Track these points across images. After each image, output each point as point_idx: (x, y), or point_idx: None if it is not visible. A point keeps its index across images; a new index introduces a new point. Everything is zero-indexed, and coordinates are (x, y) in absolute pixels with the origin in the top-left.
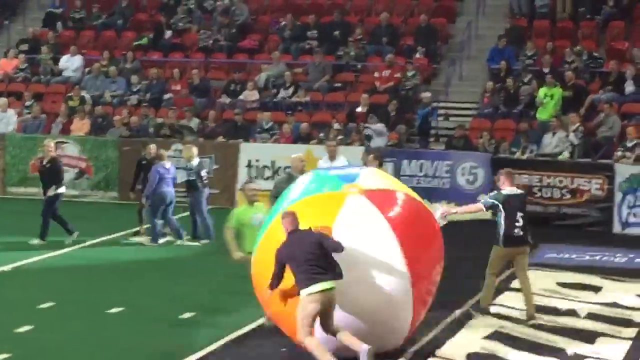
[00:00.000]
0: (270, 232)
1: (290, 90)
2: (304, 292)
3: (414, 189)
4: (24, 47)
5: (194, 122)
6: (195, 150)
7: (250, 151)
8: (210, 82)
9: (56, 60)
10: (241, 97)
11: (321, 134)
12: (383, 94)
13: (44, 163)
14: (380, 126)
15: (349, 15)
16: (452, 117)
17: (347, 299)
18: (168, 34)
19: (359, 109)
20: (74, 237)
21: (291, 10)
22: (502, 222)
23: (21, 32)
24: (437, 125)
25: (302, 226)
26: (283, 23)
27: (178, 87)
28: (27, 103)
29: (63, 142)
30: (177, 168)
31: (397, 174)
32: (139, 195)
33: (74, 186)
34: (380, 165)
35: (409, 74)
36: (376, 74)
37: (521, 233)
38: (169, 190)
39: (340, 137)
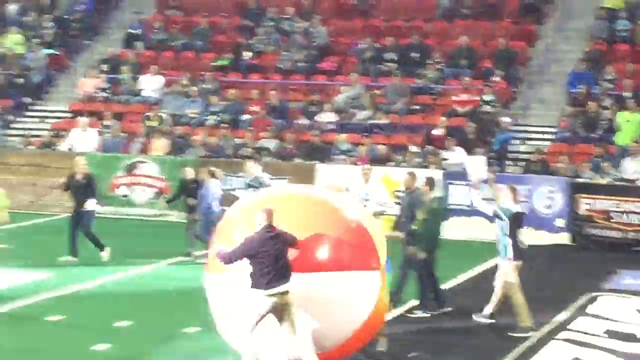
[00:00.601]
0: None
1: (368, 112)
2: (263, 291)
3: None
4: (105, 67)
5: (272, 143)
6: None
7: (327, 173)
8: (289, 104)
9: (136, 80)
10: (319, 118)
11: (398, 157)
12: (461, 117)
13: (78, 178)
14: (458, 151)
15: (428, 38)
16: (530, 141)
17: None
18: (247, 55)
19: (436, 132)
20: (107, 255)
21: (370, 32)
22: (509, 236)
23: (102, 52)
24: (515, 148)
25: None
26: (362, 45)
27: (256, 108)
28: (107, 122)
29: (142, 162)
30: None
31: None
32: (189, 216)
33: (151, 206)
34: (431, 189)
35: (487, 97)
36: (454, 97)
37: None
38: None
39: (416, 159)
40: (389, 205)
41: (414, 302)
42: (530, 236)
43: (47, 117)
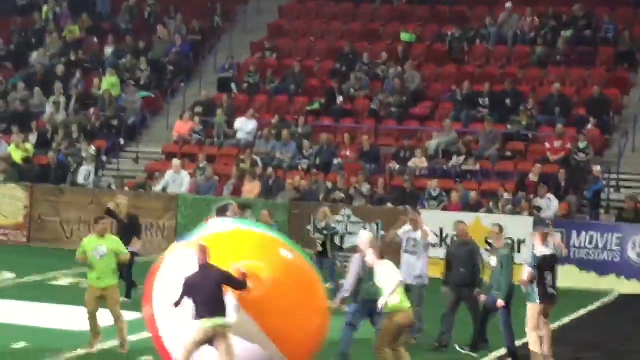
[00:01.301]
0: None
1: (461, 158)
2: (199, 322)
3: (583, 260)
4: (199, 109)
5: (365, 188)
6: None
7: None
8: (380, 148)
9: (230, 124)
10: (410, 163)
11: (490, 203)
12: (554, 165)
13: (121, 218)
14: (551, 198)
15: (521, 84)
16: (624, 189)
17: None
18: (339, 99)
19: (530, 178)
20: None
21: (463, 78)
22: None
23: (196, 95)
24: (608, 196)
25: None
26: (455, 90)
27: (348, 152)
28: (201, 165)
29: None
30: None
31: (567, 245)
32: None
33: None
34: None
35: (581, 145)
36: (547, 144)
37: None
38: None
39: (508, 206)
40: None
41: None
42: (622, 285)
43: (141, 159)
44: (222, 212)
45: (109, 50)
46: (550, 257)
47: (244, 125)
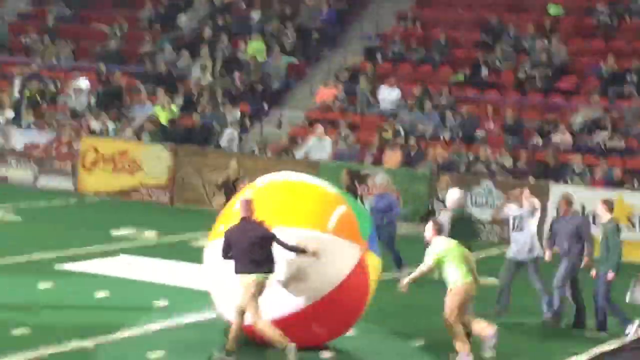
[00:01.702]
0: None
1: (606, 134)
2: (241, 276)
3: None
4: (343, 77)
5: (508, 161)
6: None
7: (561, 194)
8: (524, 122)
9: (373, 92)
10: (554, 138)
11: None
12: None
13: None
14: None
15: None
16: None
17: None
18: (484, 71)
19: None
20: None
21: (611, 53)
22: None
23: (341, 62)
24: None
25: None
26: (602, 66)
27: (491, 125)
28: (343, 132)
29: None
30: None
31: None
32: None
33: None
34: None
35: None
36: None
37: None
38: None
39: None
40: None
41: None
42: None
43: (283, 124)
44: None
45: (255, 15)
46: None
47: (387, 95)
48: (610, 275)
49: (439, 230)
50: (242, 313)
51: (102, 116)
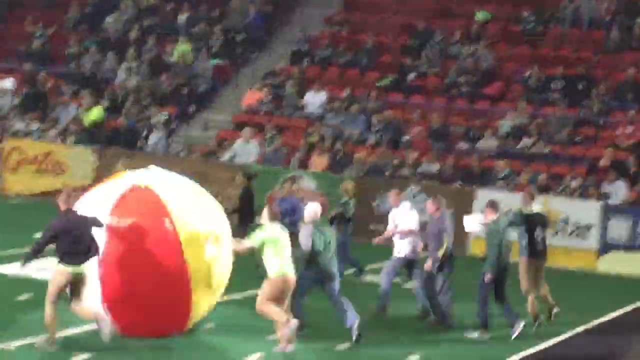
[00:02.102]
0: None
1: (531, 140)
2: (61, 266)
3: None
4: (270, 81)
5: (434, 167)
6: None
7: (486, 199)
8: (450, 127)
9: (300, 95)
10: (480, 143)
11: (560, 188)
12: (624, 151)
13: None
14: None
15: (595, 69)
16: None
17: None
18: (411, 76)
19: (600, 163)
20: None
21: (537, 60)
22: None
23: (267, 66)
24: None
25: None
26: (528, 73)
27: (418, 129)
28: (269, 135)
29: (299, 177)
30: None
31: (634, 232)
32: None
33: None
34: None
35: None
36: (619, 130)
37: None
38: None
39: (577, 191)
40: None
41: None
42: None
43: (210, 127)
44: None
45: (182, 17)
46: (537, 214)
47: (314, 98)
48: (487, 276)
49: (274, 216)
50: (54, 302)
51: (27, 117)
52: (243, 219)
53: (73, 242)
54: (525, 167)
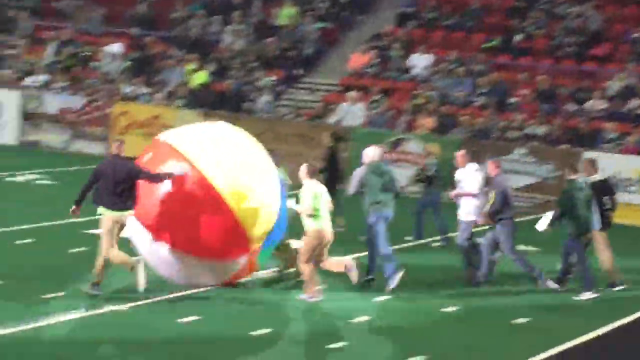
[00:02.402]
0: None
1: (639, 101)
2: (103, 210)
3: None
4: (376, 43)
5: (541, 129)
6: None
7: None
8: (558, 89)
9: (406, 58)
10: (588, 105)
11: None
12: None
13: None
14: None
15: None
16: None
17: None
18: (517, 38)
19: None
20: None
21: None
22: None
23: (373, 28)
24: None
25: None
26: (637, 34)
27: (524, 92)
28: (375, 98)
29: (406, 139)
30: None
31: None
32: None
33: (414, 183)
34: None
35: None
36: None
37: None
38: None
39: None
40: None
41: None
42: None
43: (317, 90)
44: (395, 145)
45: None
46: (601, 182)
47: (420, 61)
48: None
49: (311, 173)
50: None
51: (134, 81)
52: (330, 180)
53: (113, 186)
54: (633, 129)
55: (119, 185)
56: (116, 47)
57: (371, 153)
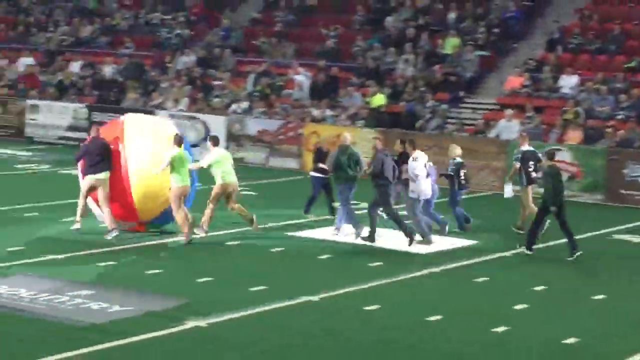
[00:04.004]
0: None
1: None
2: (88, 176)
3: None
4: (528, 67)
5: None
6: (457, 149)
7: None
8: None
9: (555, 79)
10: None
11: None
12: None
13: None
14: None
15: None
16: None
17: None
18: None
19: None
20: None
21: None
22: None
23: (526, 54)
24: None
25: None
26: None
27: None
28: (529, 114)
29: (558, 149)
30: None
31: None
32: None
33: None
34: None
35: None
36: None
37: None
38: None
39: None
40: None
41: None
42: None
43: (478, 109)
44: (551, 155)
45: (452, 15)
46: (530, 152)
47: (568, 81)
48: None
49: (215, 142)
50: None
51: (321, 105)
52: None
53: (93, 159)
54: None
55: (97, 157)
56: (305, 76)
57: (344, 138)
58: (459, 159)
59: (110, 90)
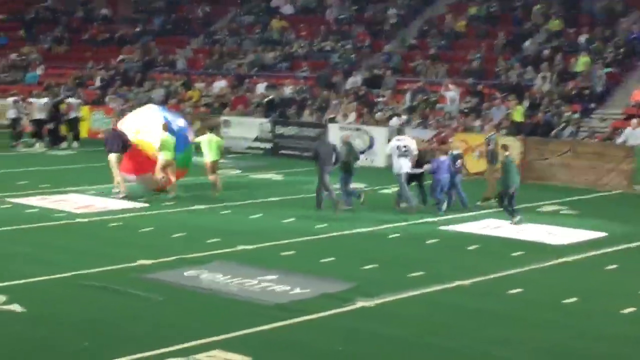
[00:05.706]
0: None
1: None
2: (110, 154)
3: None
4: None
5: None
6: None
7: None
8: None
9: None
10: None
11: None
12: None
13: None
14: None
15: None
16: None
17: None
18: None
19: None
20: None
21: None
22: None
23: None
24: None
25: None
26: None
27: None
28: None
29: None
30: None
31: None
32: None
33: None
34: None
35: None
36: None
37: None
38: None
39: None
40: None
41: None
42: None
43: (606, 119)
44: None
45: (582, 37)
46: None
47: None
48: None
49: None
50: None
51: (469, 118)
52: None
53: (115, 142)
54: None
55: (115, 140)
56: (454, 92)
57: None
58: (457, 151)
59: (289, 107)
